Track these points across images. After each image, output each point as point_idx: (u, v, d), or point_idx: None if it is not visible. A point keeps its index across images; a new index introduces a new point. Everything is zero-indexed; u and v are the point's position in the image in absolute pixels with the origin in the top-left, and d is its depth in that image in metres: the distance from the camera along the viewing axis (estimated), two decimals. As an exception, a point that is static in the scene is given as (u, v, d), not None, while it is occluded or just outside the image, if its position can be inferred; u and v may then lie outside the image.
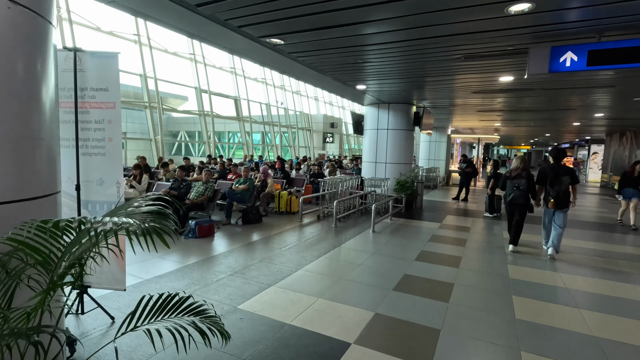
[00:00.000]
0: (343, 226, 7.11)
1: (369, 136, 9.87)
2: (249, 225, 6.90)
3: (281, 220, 7.50)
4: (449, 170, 17.70)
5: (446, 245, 5.90)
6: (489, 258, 5.25)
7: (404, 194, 8.96)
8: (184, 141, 29.78)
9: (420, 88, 7.48)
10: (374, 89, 7.67)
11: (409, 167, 9.80)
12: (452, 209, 9.74)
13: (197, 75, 17.09)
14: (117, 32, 13.72)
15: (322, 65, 5.76)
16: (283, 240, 5.90)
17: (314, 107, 28.00)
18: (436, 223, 7.68)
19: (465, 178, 11.37)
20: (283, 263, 4.67)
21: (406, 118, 9.51)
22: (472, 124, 15.46)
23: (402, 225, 7.36)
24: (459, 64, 5.32)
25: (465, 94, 8.04)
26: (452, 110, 11.19)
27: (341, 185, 7.93)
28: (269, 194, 8.01)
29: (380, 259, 5.03)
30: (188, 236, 5.81)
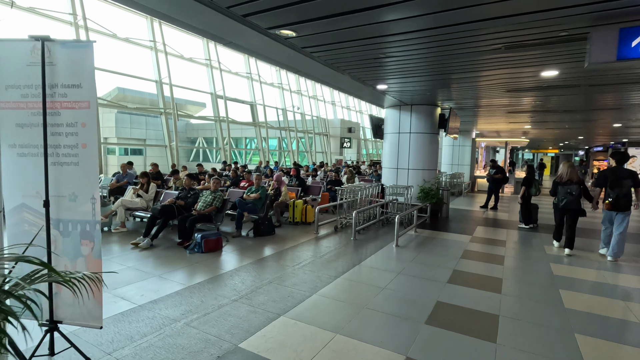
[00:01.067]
0: (363, 239, 6.48)
1: (390, 141, 9.23)
2: (260, 237, 6.36)
3: (295, 231, 6.94)
4: (474, 175, 16.76)
5: (481, 263, 5.18)
6: (536, 280, 4.50)
7: (429, 203, 8.25)
8: (202, 147, 29.84)
9: (447, 87, 6.80)
10: (396, 89, 7.05)
11: (433, 173, 9.09)
12: (481, 219, 8.94)
13: (212, 81, 16.90)
14: (133, 38, 13.64)
15: (339, 62, 5.20)
16: (296, 255, 5.33)
17: (331, 112, 27.51)
18: (466, 235, 6.93)
19: (494, 185, 10.52)
20: (295, 285, 4.09)
21: (430, 121, 8.81)
22: (498, 127, 14.55)
23: (428, 238, 6.66)
24: (495, 56, 4.65)
25: (497, 93, 7.31)
26: (478, 111, 10.41)
27: (360, 193, 7.31)
28: (282, 203, 7.47)
29: (407, 280, 4.37)
30: (194, 251, 5.32)
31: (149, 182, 6.72)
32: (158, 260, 4.90)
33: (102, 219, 6.32)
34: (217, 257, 5.18)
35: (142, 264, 4.73)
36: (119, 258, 4.95)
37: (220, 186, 6.16)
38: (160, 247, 5.55)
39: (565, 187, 5.66)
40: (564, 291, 4.14)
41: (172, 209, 5.86)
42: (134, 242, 5.51)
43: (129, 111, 23.31)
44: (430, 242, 6.32)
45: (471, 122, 13.33)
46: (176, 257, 5.06)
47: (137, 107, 18.27)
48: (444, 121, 8.80)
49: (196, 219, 5.67)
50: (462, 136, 15.85)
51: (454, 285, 4.24)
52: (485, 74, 5.64)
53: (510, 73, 5.55)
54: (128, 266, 4.61)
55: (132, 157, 27.19)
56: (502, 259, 5.39)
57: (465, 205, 11.48)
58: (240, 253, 5.42)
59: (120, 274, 4.29)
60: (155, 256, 5.10)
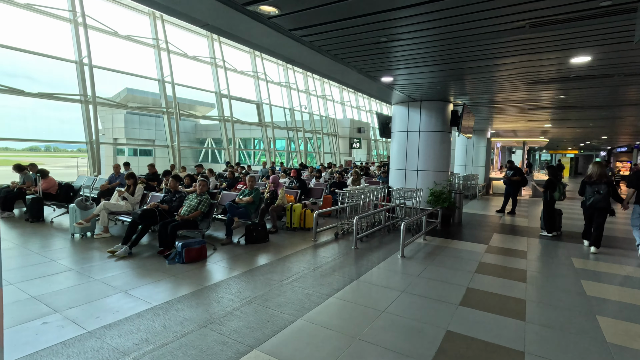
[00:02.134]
0: (365, 248, 5.85)
1: (398, 140, 8.56)
2: (252, 245, 5.79)
3: (292, 238, 6.34)
4: (489, 177, 15.88)
5: (500, 279, 4.48)
6: (567, 303, 3.80)
7: (440, 207, 7.55)
8: (211, 148, 29.60)
9: (460, 79, 6.12)
10: (403, 82, 6.39)
11: (445, 175, 8.37)
12: (497, 225, 8.18)
13: (217, 80, 16.50)
14: (134, 36, 13.31)
15: (336, 49, 4.60)
16: (288, 267, 4.73)
17: (340, 112, 26.89)
18: (481, 245, 6.22)
19: (511, 188, 9.72)
20: (280, 306, 3.49)
21: (442, 118, 8.11)
22: (516, 126, 13.68)
23: (438, 247, 5.98)
24: (517, 39, 3.97)
25: (516, 86, 6.57)
26: (494, 108, 9.64)
27: (363, 197, 6.68)
28: (279, 207, 6.89)
29: (412, 302, 3.73)
30: (174, 261, 4.77)
31: (135, 183, 6.23)
32: (132, 272, 4.38)
33: (82, 223, 5.86)
34: (199, 268, 4.62)
35: (112, 276, 4.20)
36: (90, 268, 4.44)
37: (207, 189, 5.61)
38: (140, 256, 5.03)
39: (594, 187, 5.83)
40: (602, 318, 3.43)
41: (153, 213, 5.33)
42: (111, 250, 5.01)
43: (138, 112, 23.14)
44: (440, 252, 5.64)
45: (486, 121, 12.52)
46: (153, 269, 4.53)
47: (138, 107, 17.95)
48: (456, 118, 8.09)
49: (178, 225, 5.13)
50: (477, 136, 15.02)
51: (467, 308, 3.57)
52: (505, 61, 4.94)
53: (534, 60, 4.85)
54: (95, 279, 4.09)
55: (141, 157, 27.14)
56: (523, 275, 4.68)
57: (479, 209, 10.69)
58: (226, 264, 4.85)
59: (82, 289, 3.76)
60: (131, 267, 4.57)
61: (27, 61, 11.32)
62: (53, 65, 11.37)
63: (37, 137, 38.51)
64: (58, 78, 11.94)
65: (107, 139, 25.28)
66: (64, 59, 11.26)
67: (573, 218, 8.69)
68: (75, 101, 11.36)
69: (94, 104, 11.42)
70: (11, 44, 9.92)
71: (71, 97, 11.23)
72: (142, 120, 25.81)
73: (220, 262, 4.90)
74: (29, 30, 11.29)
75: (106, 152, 26.99)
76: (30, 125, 30.29)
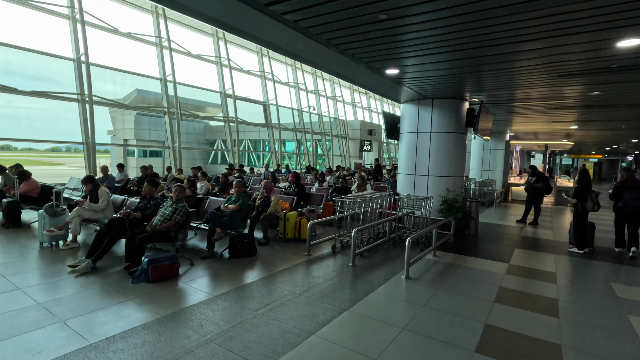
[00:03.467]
0: (365, 265, 5.08)
1: (407, 141, 7.76)
2: (236, 259, 5.10)
3: (284, 251, 5.63)
4: (508, 183, 14.84)
5: (526, 313, 3.65)
6: (616, 351, 2.95)
7: (453, 218, 6.71)
8: (218, 150, 29.26)
9: (477, 72, 5.30)
10: (412, 75, 5.61)
11: (459, 181, 7.52)
12: (519, 238, 7.27)
13: (222, 80, 16.00)
14: (135, 33, 12.90)
15: (327, 32, 3.87)
16: (269, 290, 4.01)
17: (351, 113, 26.13)
18: (501, 263, 5.37)
19: (534, 195, 8.78)
20: (245, 349, 2.77)
21: (456, 117, 7.28)
22: (537, 127, 12.65)
23: (450, 266, 5.16)
24: (551, 17, 3.17)
25: (542, 80, 5.71)
26: (515, 108, 8.73)
27: (364, 205, 5.90)
28: (272, 215, 6.19)
29: (413, 344, 2.95)
30: (139, 279, 4.12)
31: (96, 188, 5.57)
32: (86, 293, 3.73)
33: (52, 231, 5.28)
34: (166, 289, 3.95)
35: (59, 299, 3.56)
36: (39, 288, 3.82)
37: (184, 195, 4.95)
38: (104, 272, 4.39)
39: (633, 193, 5.77)
40: (668, 379, 2.59)
41: (122, 223, 4.70)
42: (72, 264, 4.39)
43: (146, 112, 22.91)
44: (453, 273, 4.82)
45: (505, 122, 11.56)
46: (113, 289, 3.88)
47: (138, 107, 17.53)
48: (472, 118, 7.24)
49: (148, 237, 4.47)
50: (494, 138, 14.02)
51: (486, 357, 2.77)
52: (533, 47, 4.12)
53: (567, 45, 4.01)
54: (38, 302, 3.46)
55: (151, 159, 26.99)
56: (554, 306, 3.83)
57: (497, 218, 9.76)
58: (199, 284, 4.16)
59: (10, 318, 3.12)
60: (89, 286, 3.94)
61: (23, 59, 10.96)
62: (50, 63, 11.04)
63: (58, 138, 38.98)
64: (56, 76, 11.55)
65: (118, 140, 25.20)
66: (61, 57, 10.91)
67: (605, 230, 7.70)
68: (72, 100, 10.97)
69: (90, 103, 11.00)
70: (8, 42, 9.61)
71: (68, 96, 10.84)
72: (152, 122, 25.66)
73: (193, 282, 4.21)
74: (27, 28, 10.96)
75: (117, 153, 26.99)
76: (52, 126, 30.69)
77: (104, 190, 5.49)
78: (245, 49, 18.14)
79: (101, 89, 13.81)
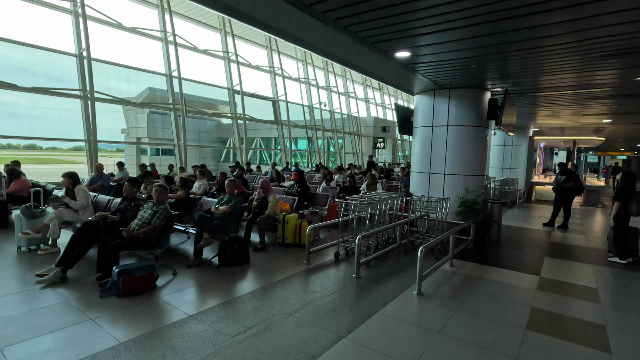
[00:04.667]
0: (371, 277, 4.43)
1: (421, 136, 7.04)
2: (226, 268, 4.54)
3: (281, 259, 5.04)
4: (531, 182, 13.85)
5: (567, 345, 2.94)
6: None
7: (473, 221, 5.98)
8: (232, 148, 29.04)
9: (502, 53, 4.56)
10: (427, 60, 4.91)
11: (479, 180, 6.76)
12: (547, 245, 6.47)
13: (229, 75, 15.55)
14: (140, 28, 12.54)
15: (333, 11, 3.24)
16: (254, 309, 3.42)
17: (364, 109, 25.34)
18: (530, 276, 4.63)
19: (563, 196, 7.92)
20: (208, 393, 2.19)
21: (476, 109, 6.52)
22: (564, 121, 11.67)
23: (470, 278, 4.46)
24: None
25: (580, 62, 4.91)
26: (540, 99, 7.87)
27: (371, 207, 5.24)
28: (270, 217, 5.61)
29: (425, 389, 2.31)
30: (110, 292, 3.60)
31: (75, 184, 5.08)
32: (45, 310, 3.23)
33: (28, 234, 4.84)
34: (137, 305, 3.41)
35: (14, 317, 3.07)
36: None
37: (166, 197, 4.41)
38: (76, 283, 3.90)
39: None
40: None
41: (97, 227, 4.20)
42: (39, 273, 3.91)
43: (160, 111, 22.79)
44: (473, 288, 4.13)
45: (528, 116, 10.65)
46: (77, 305, 3.36)
47: (142, 103, 17.20)
48: (495, 109, 6.46)
49: (123, 243, 3.94)
50: (517, 134, 13.08)
51: (521, 414, 2.11)
52: (568, 17, 3.38)
53: (615, 14, 3.26)
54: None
55: (163, 157, 26.93)
56: (602, 336, 3.10)
57: (521, 221, 8.92)
58: (175, 299, 3.61)
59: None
60: (51, 301, 3.44)
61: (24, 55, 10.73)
62: (53, 60, 10.79)
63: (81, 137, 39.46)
64: (59, 74, 11.30)
65: (131, 138, 25.24)
66: (63, 52, 10.64)
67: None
68: (73, 96, 10.68)
69: (92, 100, 10.69)
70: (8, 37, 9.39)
71: (69, 92, 10.55)
72: (165, 120, 25.58)
73: (171, 296, 3.67)
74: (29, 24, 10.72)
75: (130, 152, 27.08)
76: (75, 125, 31.17)
77: (81, 189, 5.01)
78: (254, 44, 17.66)
79: (114, 88, 13.63)
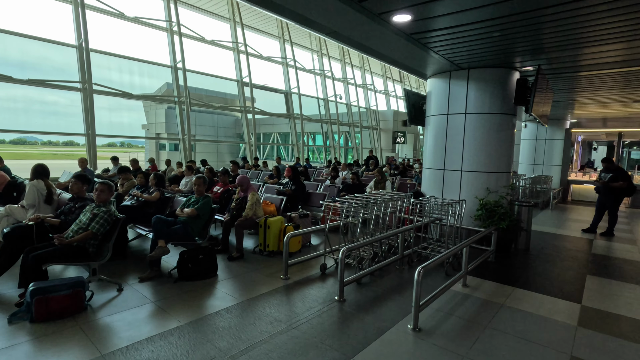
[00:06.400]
0: (358, 301, 3.52)
1: (434, 127, 6.01)
2: (186, 283, 3.78)
3: (257, 271, 4.22)
4: (567, 180, 12.35)
5: None
6: None
7: (495, 228, 4.92)
8: (242, 142, 28.72)
9: (534, 16, 3.49)
10: (438, 27, 3.90)
11: (505, 178, 5.66)
12: (589, 257, 5.31)
13: (239, 67, 14.90)
14: (143, 18, 12.03)
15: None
16: (194, 344, 2.60)
17: (383, 103, 24.12)
18: (568, 303, 3.57)
19: (609, 198, 6.63)
20: None
21: (500, 93, 5.43)
22: (608, 111, 10.17)
23: (488, 305, 3.46)
24: None
25: (632, 25, 3.76)
26: (579, 81, 6.59)
27: (363, 211, 4.30)
28: (248, 221, 4.80)
29: None
30: (23, 318, 2.90)
31: (36, 178, 4.43)
32: None
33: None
34: (47, 336, 2.67)
35: None
36: None
37: (109, 197, 3.67)
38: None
39: None
40: None
41: (28, 232, 3.52)
42: (-43, 287, 3.28)
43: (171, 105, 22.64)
44: (491, 320, 3.14)
45: (565, 105, 9.28)
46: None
47: (145, 96, 16.77)
48: (525, 92, 5.33)
49: (47, 254, 3.22)
50: (551, 125, 11.63)
51: None
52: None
53: None
54: None
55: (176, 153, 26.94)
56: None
57: (555, 226, 7.67)
58: (102, 326, 2.86)
59: None
60: (-50, 325, 2.78)
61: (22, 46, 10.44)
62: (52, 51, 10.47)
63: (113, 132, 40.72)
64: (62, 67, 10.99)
65: (151, 134, 25.35)
66: (63, 44, 10.30)
67: None
68: (73, 89, 10.33)
69: (90, 92, 10.29)
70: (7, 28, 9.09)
71: (69, 85, 10.18)
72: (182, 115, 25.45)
73: (96, 322, 2.92)
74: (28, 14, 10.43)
75: (150, 147, 27.29)
76: (106, 121, 32.06)
77: (32, 184, 4.35)
78: (266, 34, 16.96)
79: (136, 83, 13.35)
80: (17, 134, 12.93)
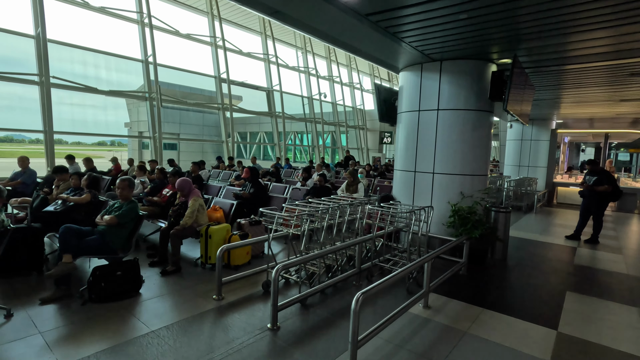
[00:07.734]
0: (295, 329, 2.95)
1: (405, 124, 5.48)
2: (98, 305, 3.18)
3: (189, 289, 3.63)
4: (553, 182, 11.95)
5: None
6: None
7: (467, 238, 4.40)
8: (236, 142, 28.06)
9: (517, 6, 2.97)
10: (402, 14, 3.36)
11: (481, 181, 5.15)
12: (570, 270, 4.81)
13: (216, 63, 14.28)
14: (110, 8, 11.31)
15: None
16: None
17: (370, 102, 23.62)
18: (543, 329, 3.05)
19: (594, 202, 6.17)
20: None
21: (475, 88, 4.91)
22: (596, 110, 9.77)
23: (449, 333, 2.92)
24: None
25: (624, 13, 3.26)
26: (565, 76, 6.12)
27: (309, 221, 3.74)
28: (187, 230, 4.20)
29: None
30: None
31: None
32: None
33: None
34: None
35: None
36: None
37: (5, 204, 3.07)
38: None
39: None
40: None
41: None
42: None
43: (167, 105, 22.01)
44: (448, 357, 2.60)
45: (550, 104, 8.84)
46: None
47: (111, 92, 16.14)
48: (500, 85, 4.83)
49: None
50: (537, 126, 11.22)
51: None
52: None
53: None
54: None
55: (165, 152, 26.10)
56: None
57: (538, 231, 7.20)
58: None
59: None
60: None
61: None
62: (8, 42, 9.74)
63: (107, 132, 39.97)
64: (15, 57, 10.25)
65: (133, 132, 24.53)
66: (20, 34, 9.59)
67: None
68: (31, 82, 9.62)
69: (47, 85, 9.59)
70: None
71: (25, 78, 9.47)
72: (167, 113, 24.69)
73: (-47, 364, 2.32)
74: None
75: (132, 146, 26.44)
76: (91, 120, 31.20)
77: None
78: (247, 29, 16.34)
79: (123, 81, 12.70)
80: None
